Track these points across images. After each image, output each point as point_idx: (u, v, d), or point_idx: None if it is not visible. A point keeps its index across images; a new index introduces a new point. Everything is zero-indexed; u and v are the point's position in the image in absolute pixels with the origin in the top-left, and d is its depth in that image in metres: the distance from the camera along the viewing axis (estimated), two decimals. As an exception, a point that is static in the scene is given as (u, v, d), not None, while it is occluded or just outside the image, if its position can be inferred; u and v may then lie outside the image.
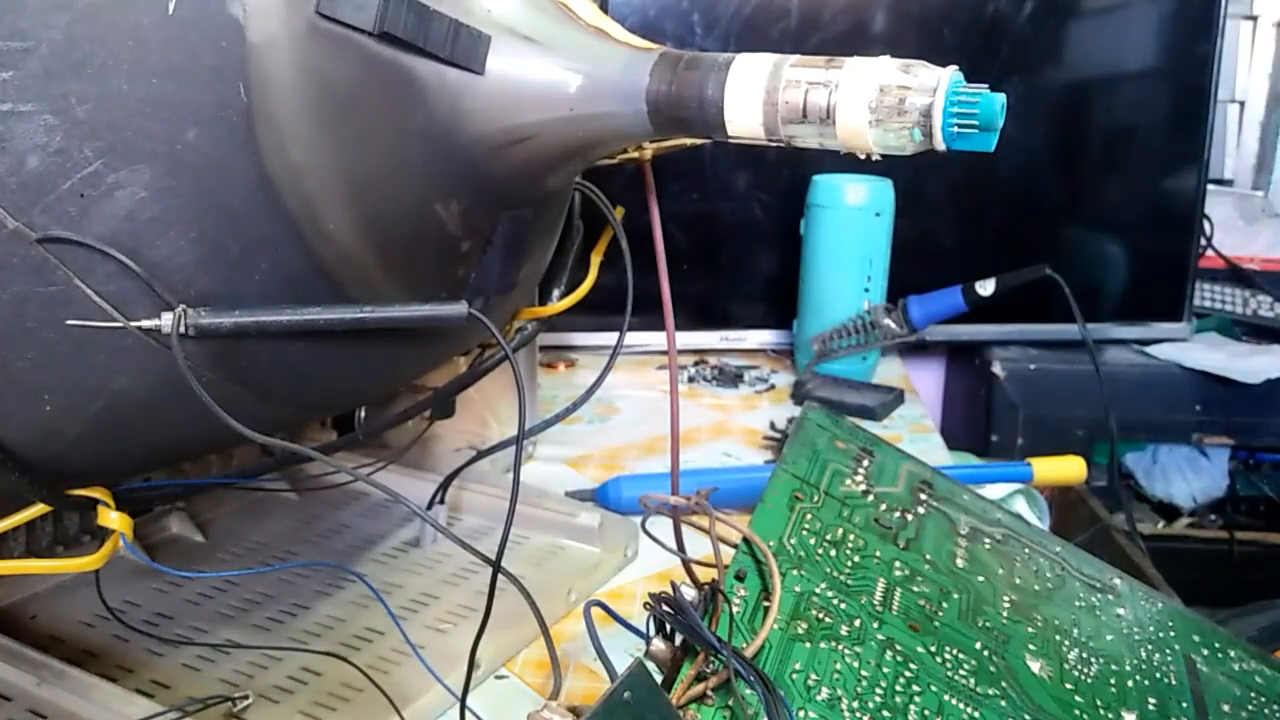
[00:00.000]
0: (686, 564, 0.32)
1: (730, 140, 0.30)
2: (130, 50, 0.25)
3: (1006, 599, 0.34)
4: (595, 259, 0.44)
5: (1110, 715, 0.31)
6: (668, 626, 0.26)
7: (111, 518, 0.30)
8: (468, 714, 0.32)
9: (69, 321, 0.26)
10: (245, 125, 0.26)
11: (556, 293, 0.44)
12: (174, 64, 0.26)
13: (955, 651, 0.30)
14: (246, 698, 0.34)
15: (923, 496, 0.38)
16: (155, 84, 0.25)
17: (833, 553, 0.33)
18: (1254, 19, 0.90)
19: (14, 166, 0.24)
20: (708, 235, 0.87)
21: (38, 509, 0.29)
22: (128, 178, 0.26)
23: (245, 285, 0.28)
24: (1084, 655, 0.33)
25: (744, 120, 0.29)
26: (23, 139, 0.24)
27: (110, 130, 0.25)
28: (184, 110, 0.26)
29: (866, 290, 0.76)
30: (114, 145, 0.25)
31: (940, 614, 0.32)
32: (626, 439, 0.68)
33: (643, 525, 0.32)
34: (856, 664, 0.28)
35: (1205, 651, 0.36)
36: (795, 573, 0.31)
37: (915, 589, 0.33)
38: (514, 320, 0.43)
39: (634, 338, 0.83)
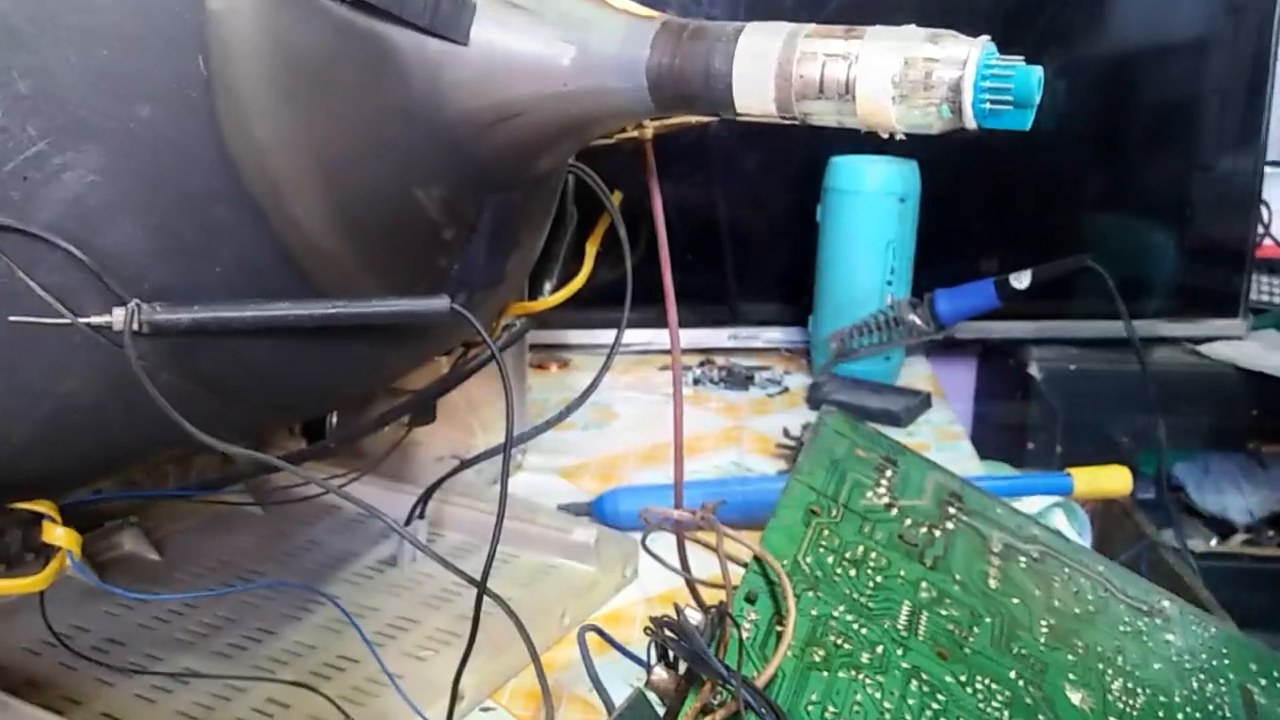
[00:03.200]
0: (691, 584, 0.32)
1: (739, 118, 0.30)
2: (78, 19, 0.25)
3: (1044, 623, 0.34)
4: (590, 249, 0.44)
5: None
6: (670, 653, 0.26)
7: (58, 534, 0.30)
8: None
9: (11, 318, 0.26)
10: (204, 101, 0.27)
11: (548, 286, 0.44)
12: (126, 33, 0.26)
13: (987, 681, 0.30)
14: None
15: (951, 510, 0.39)
16: (105, 56, 0.25)
17: (853, 572, 0.33)
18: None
19: None
20: (714, 222, 0.86)
21: None
22: (75, 159, 0.26)
23: (205, 277, 0.28)
24: (1129, 685, 0.33)
25: (754, 96, 0.29)
26: None
27: (56, 107, 0.25)
28: (137, 84, 0.26)
29: (890, 283, 0.76)
30: (60, 123, 0.25)
31: (971, 640, 0.32)
32: (625, 447, 0.68)
33: (643, 542, 0.32)
34: (879, 695, 0.28)
35: (1263, 681, 0.36)
36: (811, 594, 0.31)
37: (944, 612, 0.33)
38: (501, 316, 0.43)
39: (633, 335, 0.84)
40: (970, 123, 0.27)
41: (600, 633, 0.29)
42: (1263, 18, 0.79)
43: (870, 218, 0.76)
